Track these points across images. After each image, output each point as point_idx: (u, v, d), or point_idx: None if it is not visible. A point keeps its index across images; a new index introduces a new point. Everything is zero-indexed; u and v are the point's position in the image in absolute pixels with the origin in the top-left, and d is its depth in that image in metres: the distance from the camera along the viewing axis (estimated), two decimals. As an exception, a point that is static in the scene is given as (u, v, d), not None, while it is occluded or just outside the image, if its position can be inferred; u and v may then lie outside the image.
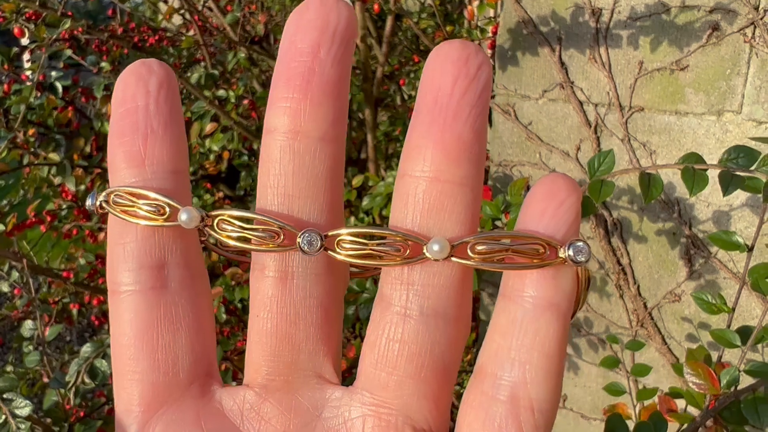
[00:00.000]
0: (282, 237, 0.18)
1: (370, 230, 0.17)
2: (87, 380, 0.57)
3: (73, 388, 0.58)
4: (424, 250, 0.17)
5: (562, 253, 0.17)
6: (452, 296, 0.18)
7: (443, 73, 0.16)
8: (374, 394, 0.18)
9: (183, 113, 0.20)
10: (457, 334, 0.18)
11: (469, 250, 0.17)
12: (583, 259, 0.17)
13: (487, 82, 0.17)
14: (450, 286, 0.18)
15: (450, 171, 0.17)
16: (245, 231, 0.18)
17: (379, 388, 0.18)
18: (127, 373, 0.19)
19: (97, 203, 0.19)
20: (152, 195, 0.18)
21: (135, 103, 0.18)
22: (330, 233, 0.18)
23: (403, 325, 0.17)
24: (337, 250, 0.18)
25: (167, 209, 0.18)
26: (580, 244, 0.17)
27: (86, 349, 0.57)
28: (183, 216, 0.18)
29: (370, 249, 0.17)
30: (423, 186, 0.17)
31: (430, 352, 0.18)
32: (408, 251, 0.17)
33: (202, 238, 0.20)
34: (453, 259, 0.17)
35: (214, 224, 0.18)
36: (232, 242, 0.18)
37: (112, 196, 0.18)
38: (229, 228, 0.18)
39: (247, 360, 0.19)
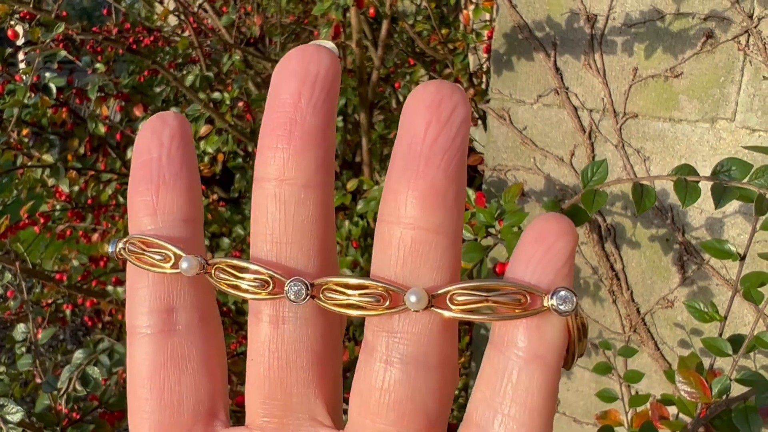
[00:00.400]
0: (272, 285, 0.18)
1: (352, 280, 0.18)
2: (79, 387, 0.57)
3: (65, 395, 0.58)
4: (405, 302, 0.17)
5: (546, 302, 0.16)
6: (433, 344, 0.17)
7: (416, 118, 0.16)
8: None
9: (197, 161, 0.21)
10: (441, 382, 0.18)
11: (448, 301, 0.17)
12: (567, 308, 0.16)
13: (462, 124, 0.16)
14: (430, 333, 0.17)
15: (424, 218, 0.17)
16: (239, 279, 0.19)
17: None
18: (138, 412, 0.20)
19: (117, 250, 0.20)
20: (160, 243, 0.19)
21: (150, 154, 0.19)
22: (316, 282, 0.18)
23: (385, 372, 0.17)
24: (322, 298, 0.18)
25: (173, 257, 0.19)
26: (563, 293, 0.16)
27: (78, 355, 0.57)
28: (183, 264, 0.19)
29: (353, 299, 0.17)
30: (398, 233, 0.17)
31: (411, 400, 0.17)
32: (388, 301, 0.17)
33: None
34: (433, 309, 0.17)
35: (212, 272, 0.19)
36: (227, 290, 0.19)
37: (127, 243, 0.19)
38: (223, 276, 0.19)
39: (246, 402, 0.20)
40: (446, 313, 0.17)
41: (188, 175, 0.20)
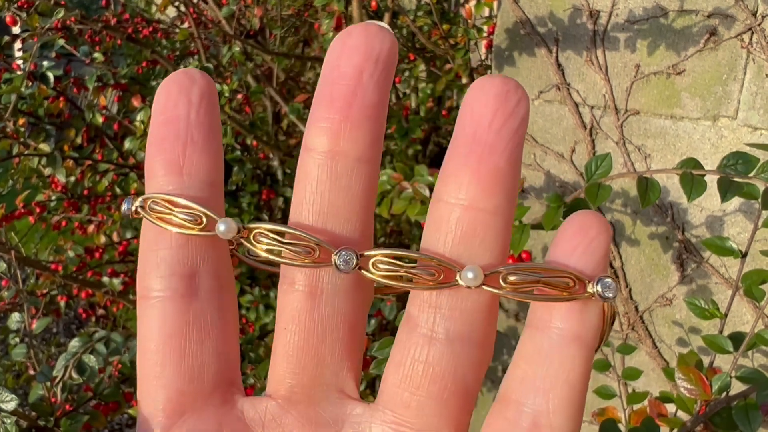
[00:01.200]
0: (318, 253, 0.18)
1: (406, 253, 0.18)
2: (75, 375, 0.56)
3: (60, 383, 0.57)
4: (458, 277, 0.17)
5: (590, 288, 0.17)
6: (478, 321, 0.18)
7: (484, 106, 0.17)
8: (396, 413, 0.18)
9: (221, 124, 0.20)
10: (480, 359, 0.18)
11: (501, 280, 0.18)
12: (611, 295, 0.17)
13: (524, 118, 0.17)
14: (477, 311, 0.18)
15: (484, 200, 0.17)
16: (282, 245, 0.18)
17: (402, 407, 0.18)
18: (153, 379, 0.19)
19: (133, 208, 0.19)
20: (190, 204, 0.18)
21: (176, 111, 0.18)
22: (365, 253, 0.18)
23: (429, 347, 0.18)
24: (371, 270, 0.18)
25: (204, 219, 0.18)
26: (608, 280, 0.17)
27: (74, 343, 0.56)
28: (221, 227, 0.18)
29: (404, 271, 0.18)
30: (457, 213, 0.17)
31: (454, 375, 0.18)
32: (441, 276, 0.17)
33: (231, 248, 0.20)
34: (484, 287, 0.17)
35: (251, 237, 0.19)
36: (268, 255, 0.18)
37: (148, 202, 0.19)
38: (265, 241, 0.18)
39: (271, 371, 0.19)
40: (498, 292, 0.17)
41: (216, 138, 0.19)
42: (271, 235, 0.18)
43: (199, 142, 0.19)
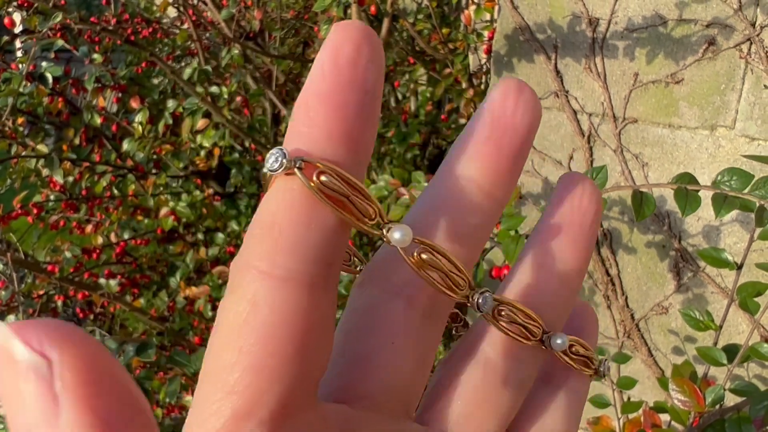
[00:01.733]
0: (463, 288, 0.18)
1: (527, 310, 0.19)
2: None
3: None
4: (550, 342, 0.20)
5: (598, 366, 0.21)
6: (534, 374, 0.20)
7: (590, 204, 0.20)
8: None
9: None
10: (520, 403, 0.21)
11: (569, 349, 0.21)
12: (606, 374, 0.22)
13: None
14: (538, 365, 0.20)
15: (576, 280, 0.20)
16: (441, 269, 0.17)
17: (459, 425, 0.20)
18: (266, 372, 0.15)
19: (288, 167, 0.15)
20: (371, 196, 0.16)
21: (365, 78, 0.15)
22: (497, 297, 0.19)
23: (503, 390, 0.20)
24: (496, 317, 0.19)
25: (376, 216, 0.16)
26: (607, 362, 0.22)
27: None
28: (396, 234, 0.16)
29: (527, 326, 0.19)
30: (556, 283, 0.20)
31: (508, 415, 0.20)
32: (539, 333, 0.20)
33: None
34: (561, 354, 0.20)
35: (420, 255, 0.17)
36: (432, 281, 0.17)
37: (316, 170, 0.15)
38: (425, 258, 0.17)
39: (353, 376, 0.18)
40: (564, 358, 0.20)
41: (378, 122, 0.17)
42: (437, 255, 0.17)
43: (373, 122, 0.16)
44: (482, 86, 1.23)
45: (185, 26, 1.22)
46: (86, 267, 1.21)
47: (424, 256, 0.17)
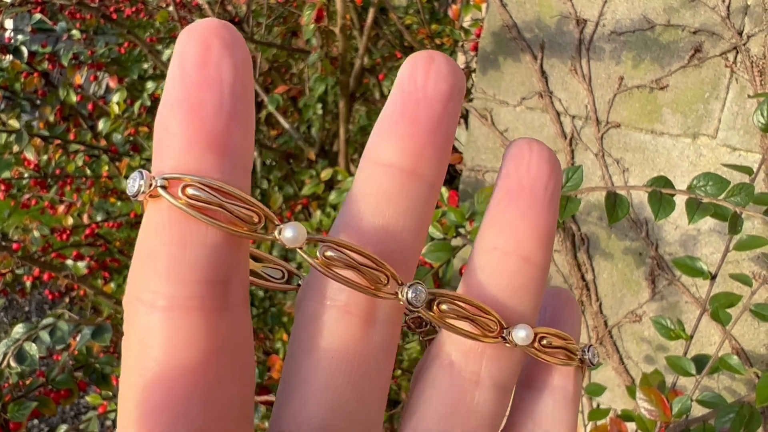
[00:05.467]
0: (387, 282, 0.16)
1: (475, 301, 0.17)
2: (13, 364, 0.54)
3: (-2, 371, 0.55)
4: (512, 336, 0.18)
5: (584, 355, 0.19)
6: (515, 371, 0.19)
7: (540, 168, 0.18)
8: None
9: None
10: (508, 405, 0.19)
11: (537, 341, 0.18)
12: (597, 362, 0.20)
13: (560, 176, 0.19)
14: (517, 361, 0.19)
15: (539, 255, 0.18)
16: (353, 265, 0.16)
17: None
18: (165, 414, 0.14)
19: (151, 187, 0.14)
20: (247, 197, 0.14)
21: (219, 73, 0.14)
22: (434, 291, 0.17)
23: (475, 392, 0.18)
24: (435, 310, 0.17)
25: (262, 218, 0.15)
26: (593, 349, 0.19)
27: (18, 330, 0.54)
28: (288, 233, 0.15)
29: (473, 318, 0.17)
30: (515, 264, 0.18)
31: (491, 422, 0.18)
32: (497, 329, 0.18)
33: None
34: (527, 348, 0.18)
35: (317, 251, 0.16)
36: (332, 277, 0.16)
37: (180, 185, 0.14)
38: (332, 255, 0.16)
39: (297, 403, 0.16)
40: (529, 350, 0.18)
41: (253, 119, 0.15)
42: (348, 252, 0.16)
43: (242, 120, 0.14)
44: (467, 84, 1.22)
45: (170, 8, 1.19)
46: (54, 247, 1.19)
47: (329, 253, 0.16)
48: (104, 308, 1.29)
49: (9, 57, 1.08)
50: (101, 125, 1.08)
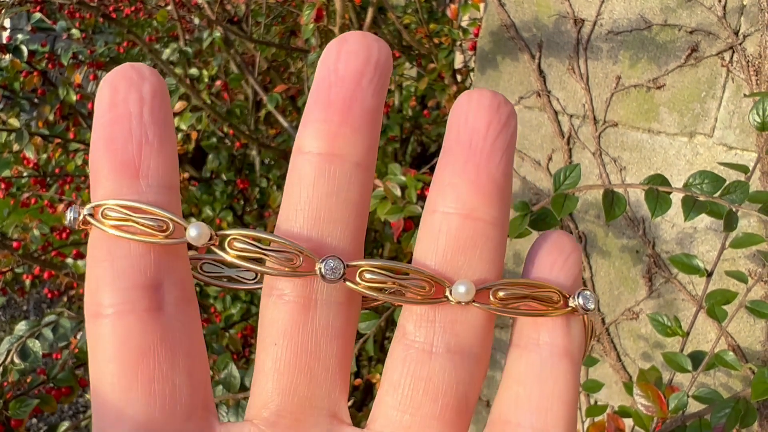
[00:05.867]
0: (300, 261, 0.17)
1: (396, 265, 0.17)
2: (17, 360, 0.54)
3: (1, 368, 0.56)
4: (448, 293, 0.17)
5: (572, 302, 0.17)
6: (478, 334, 0.18)
7: (478, 117, 0.17)
8: None
9: (173, 123, 0.19)
10: (479, 373, 0.18)
11: (491, 295, 0.17)
12: (592, 306, 0.18)
13: (514, 132, 0.17)
14: (477, 323, 0.18)
15: (483, 209, 0.17)
16: (261, 252, 0.17)
17: (401, 430, 0.17)
18: (114, 409, 0.16)
19: (80, 217, 0.17)
20: (152, 209, 0.17)
21: (126, 109, 0.17)
22: (352, 263, 0.17)
23: (430, 362, 0.17)
24: (358, 281, 0.17)
25: (170, 225, 0.17)
26: (588, 292, 0.17)
27: (21, 327, 0.54)
28: (192, 232, 0.17)
29: (392, 283, 0.17)
30: (456, 222, 0.17)
31: (455, 391, 0.17)
32: (432, 290, 0.17)
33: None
34: (475, 304, 0.17)
35: (226, 243, 0.17)
36: (245, 263, 0.17)
37: (101, 210, 0.17)
38: (240, 246, 0.17)
39: (254, 392, 0.18)
40: (486, 307, 0.17)
41: (171, 139, 0.18)
42: (249, 241, 0.17)
43: (155, 143, 0.17)
44: (466, 83, 1.23)
45: (169, 8, 1.20)
46: (54, 246, 1.19)
47: (237, 245, 0.17)
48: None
49: (8, 56, 1.08)
50: (101, 124, 1.09)
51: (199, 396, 0.17)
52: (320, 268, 0.17)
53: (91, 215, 0.17)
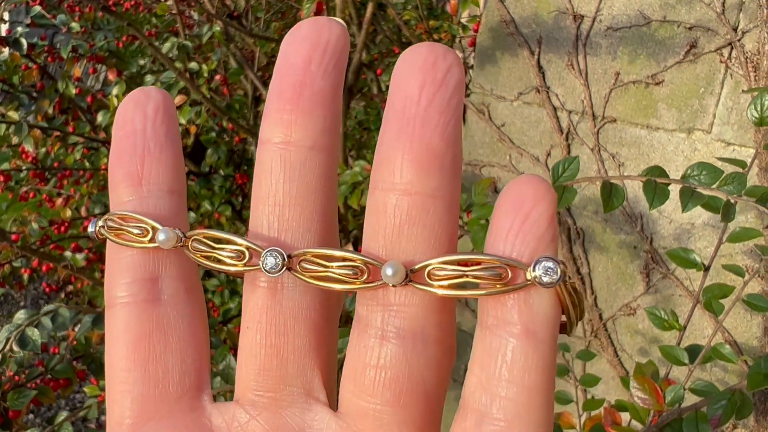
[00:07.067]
0: (249, 257, 0.18)
1: (334, 252, 0.17)
2: (16, 348, 0.54)
3: (1, 356, 0.56)
4: (386, 281, 0.16)
5: (528, 275, 0.15)
6: (431, 317, 0.17)
7: (409, 79, 0.16)
8: (355, 423, 0.17)
9: (180, 135, 0.21)
10: (439, 357, 0.17)
11: (426, 276, 0.16)
12: (551, 280, 0.15)
13: (457, 86, 0.16)
14: (428, 306, 0.17)
15: (420, 182, 0.16)
16: (215, 251, 0.18)
17: (359, 416, 0.17)
18: (119, 385, 0.19)
19: (97, 229, 0.20)
20: (137, 216, 0.19)
21: (133, 126, 0.19)
22: (294, 253, 0.17)
23: (380, 348, 0.17)
24: (299, 270, 0.17)
25: (150, 230, 0.19)
26: (545, 263, 0.15)
27: (20, 316, 0.55)
28: (160, 236, 0.19)
29: (330, 272, 0.17)
30: (394, 199, 0.16)
31: (409, 377, 0.17)
32: (367, 274, 0.16)
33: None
34: (412, 284, 0.16)
35: (189, 245, 0.19)
36: (204, 262, 0.19)
37: (107, 221, 0.19)
38: (201, 248, 0.19)
39: (237, 375, 0.19)
40: (425, 288, 0.16)
41: (173, 148, 0.20)
42: (209, 242, 0.18)
43: (156, 153, 0.19)
44: (466, 79, 1.23)
45: (168, 1, 1.20)
46: (52, 239, 1.19)
47: (195, 245, 0.19)
48: (100, 302, 1.29)
49: (8, 49, 1.08)
50: (100, 118, 1.09)
51: (193, 378, 0.19)
52: (261, 263, 0.17)
53: (102, 227, 0.19)
